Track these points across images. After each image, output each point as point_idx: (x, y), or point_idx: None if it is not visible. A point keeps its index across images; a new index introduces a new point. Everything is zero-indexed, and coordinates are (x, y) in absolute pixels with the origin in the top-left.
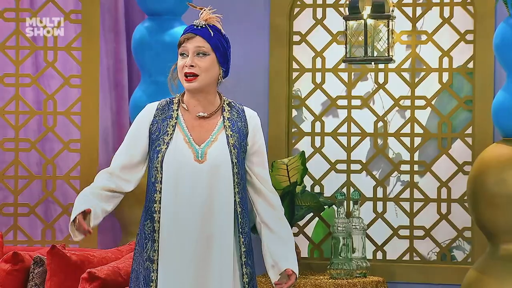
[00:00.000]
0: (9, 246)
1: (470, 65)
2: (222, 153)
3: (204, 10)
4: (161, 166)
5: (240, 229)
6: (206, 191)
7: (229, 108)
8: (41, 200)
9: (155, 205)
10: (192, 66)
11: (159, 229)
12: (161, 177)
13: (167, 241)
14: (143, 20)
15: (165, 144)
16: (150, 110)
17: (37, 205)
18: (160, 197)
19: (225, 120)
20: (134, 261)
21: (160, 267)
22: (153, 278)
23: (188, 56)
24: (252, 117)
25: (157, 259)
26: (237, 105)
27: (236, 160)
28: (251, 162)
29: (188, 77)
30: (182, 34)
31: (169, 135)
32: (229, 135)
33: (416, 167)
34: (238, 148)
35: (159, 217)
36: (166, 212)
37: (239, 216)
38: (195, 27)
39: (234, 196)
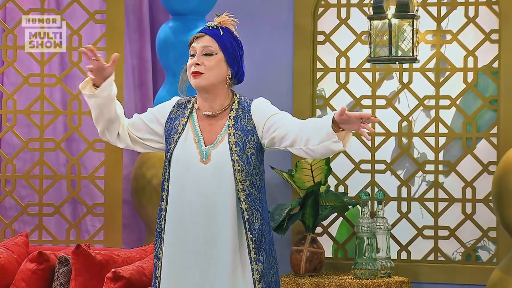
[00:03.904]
0: (34, 246)
1: (495, 64)
2: (225, 153)
3: (222, 15)
4: (169, 165)
5: (248, 226)
6: (210, 191)
7: (237, 107)
8: (66, 200)
9: (162, 203)
10: (198, 64)
11: (165, 227)
12: (168, 175)
13: (170, 240)
14: (167, 20)
15: (174, 142)
16: (169, 105)
17: (61, 205)
18: (167, 195)
19: (230, 120)
20: None
21: (163, 265)
22: (157, 275)
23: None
24: (255, 106)
25: (162, 256)
26: (247, 100)
27: (237, 158)
28: (273, 135)
29: (194, 75)
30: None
31: (178, 133)
32: (231, 134)
33: (440, 167)
34: (241, 146)
35: (165, 215)
36: (171, 211)
37: (245, 213)
38: (206, 27)
39: (237, 194)
